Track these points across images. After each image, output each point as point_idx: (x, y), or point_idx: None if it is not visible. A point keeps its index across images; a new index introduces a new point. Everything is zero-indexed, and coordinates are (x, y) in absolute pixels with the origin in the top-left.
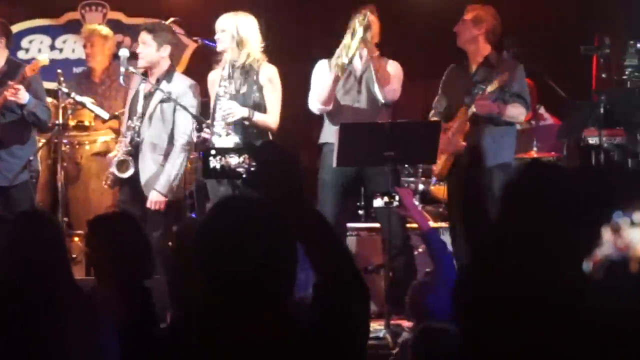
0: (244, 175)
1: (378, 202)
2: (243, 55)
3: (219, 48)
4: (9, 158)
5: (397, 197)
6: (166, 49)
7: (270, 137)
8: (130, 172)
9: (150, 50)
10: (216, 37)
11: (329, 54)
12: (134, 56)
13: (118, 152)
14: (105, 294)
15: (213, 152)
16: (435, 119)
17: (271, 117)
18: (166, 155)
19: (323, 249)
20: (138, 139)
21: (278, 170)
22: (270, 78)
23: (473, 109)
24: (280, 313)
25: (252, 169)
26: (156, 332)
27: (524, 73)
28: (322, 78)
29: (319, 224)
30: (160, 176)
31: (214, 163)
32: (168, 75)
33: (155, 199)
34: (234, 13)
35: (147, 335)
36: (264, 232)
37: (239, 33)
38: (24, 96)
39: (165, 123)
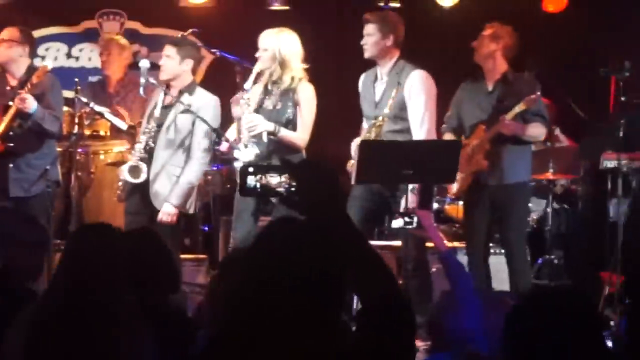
0: (283, 195)
1: (397, 223)
2: (285, 76)
3: (259, 67)
4: (26, 168)
5: (415, 218)
6: (189, 63)
7: (301, 153)
8: (142, 177)
9: (173, 63)
10: (257, 54)
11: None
12: (153, 67)
13: (131, 158)
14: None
15: (251, 169)
16: (448, 134)
17: (300, 135)
18: (180, 167)
19: (367, 271)
20: (152, 145)
21: (319, 189)
22: (306, 97)
23: (498, 128)
24: (326, 337)
25: (292, 188)
26: (192, 350)
27: (540, 93)
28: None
29: (362, 246)
30: (173, 189)
31: (253, 181)
32: (190, 88)
33: (167, 210)
34: (278, 30)
35: (183, 352)
36: (314, 257)
37: (281, 53)
38: (31, 105)
39: (182, 135)
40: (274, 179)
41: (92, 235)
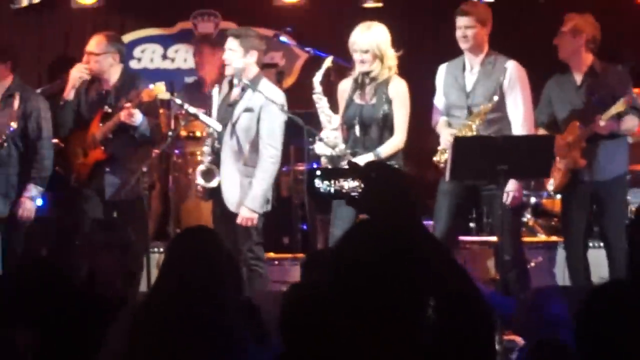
0: (353, 198)
1: None
2: (384, 70)
3: (363, 68)
4: (122, 173)
5: None
6: (253, 55)
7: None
8: (216, 180)
9: (237, 56)
10: (359, 58)
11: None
12: None
13: (202, 162)
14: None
15: (319, 172)
16: (539, 130)
17: (398, 137)
18: (248, 164)
19: (440, 272)
20: (218, 146)
21: (385, 192)
22: (399, 92)
23: (594, 129)
24: (407, 337)
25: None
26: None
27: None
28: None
29: (432, 248)
30: (249, 192)
31: (323, 185)
32: (254, 82)
33: (246, 215)
34: (367, 27)
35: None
36: (393, 262)
37: (380, 49)
38: (137, 119)
39: (248, 132)
40: (347, 184)
41: (195, 238)
